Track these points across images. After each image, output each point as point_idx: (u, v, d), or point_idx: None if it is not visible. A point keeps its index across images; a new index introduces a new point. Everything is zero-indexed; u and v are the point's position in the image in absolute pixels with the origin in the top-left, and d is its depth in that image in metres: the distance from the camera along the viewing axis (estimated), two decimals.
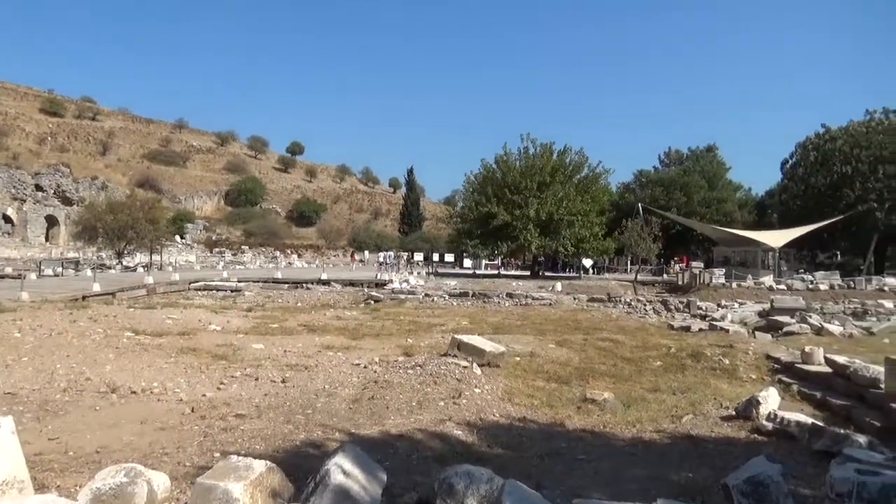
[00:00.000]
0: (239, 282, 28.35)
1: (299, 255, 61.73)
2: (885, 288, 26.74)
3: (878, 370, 8.09)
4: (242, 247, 61.71)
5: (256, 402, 7.62)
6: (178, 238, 57.87)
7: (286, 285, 28.72)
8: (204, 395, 7.88)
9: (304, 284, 28.80)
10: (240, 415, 7.02)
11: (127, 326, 13.29)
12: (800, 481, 4.90)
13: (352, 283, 29.32)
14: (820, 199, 41.04)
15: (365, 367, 9.72)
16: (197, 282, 27.79)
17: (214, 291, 25.83)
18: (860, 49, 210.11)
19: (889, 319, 18.75)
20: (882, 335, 15.15)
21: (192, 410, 7.19)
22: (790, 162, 48.14)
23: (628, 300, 25.16)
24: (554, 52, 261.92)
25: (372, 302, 23.24)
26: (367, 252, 64.31)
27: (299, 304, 22.45)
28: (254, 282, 28.98)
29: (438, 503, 3.83)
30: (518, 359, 11.21)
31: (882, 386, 7.83)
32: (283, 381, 8.64)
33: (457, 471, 3.93)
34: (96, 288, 21.72)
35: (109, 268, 37.14)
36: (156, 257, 41.78)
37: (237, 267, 44.64)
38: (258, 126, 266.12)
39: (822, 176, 41.78)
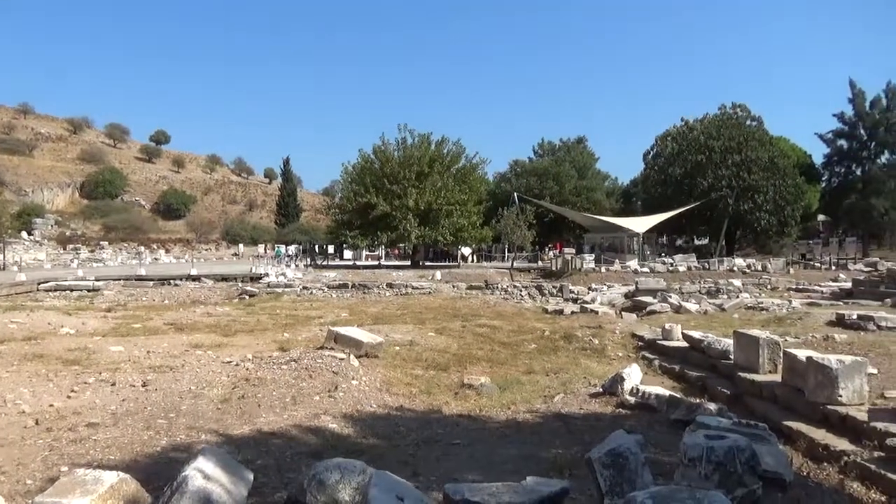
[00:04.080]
0: (97, 280, 26.15)
1: (167, 251, 58.08)
2: (735, 268, 29.39)
3: (728, 343, 8.84)
4: (101, 243, 56.96)
5: (112, 409, 7.02)
6: (24, 235, 52.60)
7: (151, 282, 26.89)
8: (51, 405, 7.15)
9: (171, 281, 27.10)
10: (92, 424, 6.44)
11: None
12: (659, 449, 5.22)
13: (224, 278, 27.97)
14: (677, 187, 44.41)
15: (236, 364, 9.27)
16: (47, 282, 25.31)
17: (68, 292, 23.63)
18: (717, 48, 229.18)
19: (738, 296, 20.56)
20: (732, 311, 16.52)
21: (37, 423, 6.50)
22: (651, 153, 51.70)
23: (505, 286, 25.87)
24: (427, 45, 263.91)
25: (246, 297, 22.34)
26: (241, 245, 61.78)
27: (166, 302, 21.13)
28: (114, 280, 26.83)
29: (308, 499, 3.70)
30: (397, 348, 11.19)
31: (731, 357, 8.56)
32: (144, 385, 8.03)
33: (327, 465, 3.81)
34: None
35: None
36: None
37: (95, 264, 41.18)
38: (117, 113, 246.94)
39: (678, 165, 45.22)
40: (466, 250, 42.10)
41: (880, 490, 4.54)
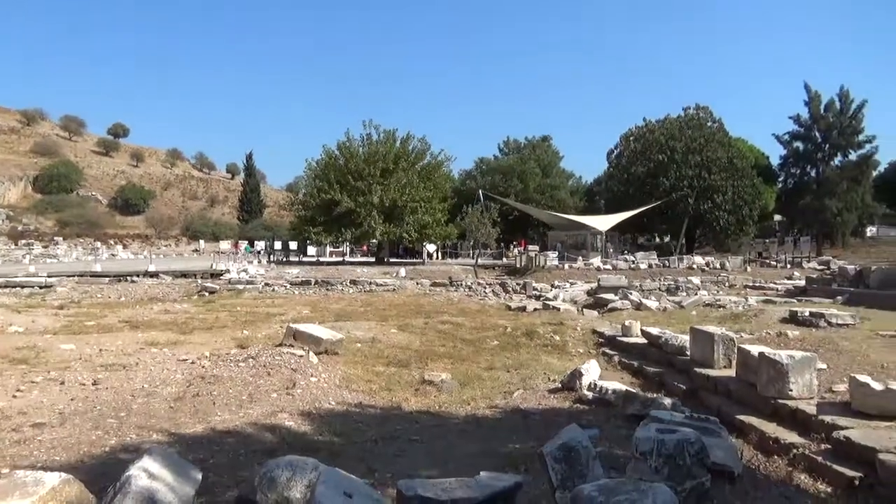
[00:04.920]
0: (49, 277, 25.32)
1: (125, 246, 56.71)
2: (694, 266, 29.97)
3: (685, 339, 8.98)
4: (55, 238, 55.33)
5: (60, 409, 6.79)
6: None
7: (107, 279, 26.15)
8: None
9: (128, 277, 26.41)
10: (38, 424, 6.22)
11: None
12: (613, 443, 5.26)
13: (184, 275, 27.36)
14: (640, 187, 45.15)
15: (192, 362, 9.06)
16: None
17: (18, 289, 22.81)
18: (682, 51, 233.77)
19: (697, 294, 20.95)
20: (690, 308, 16.82)
21: None
22: (615, 152, 52.43)
23: (469, 283, 25.87)
24: (390, 35, 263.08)
25: (206, 294, 21.90)
26: (202, 241, 60.67)
27: (122, 299, 20.59)
28: (68, 276, 26.03)
29: (259, 497, 3.63)
30: (359, 345, 11.10)
31: (688, 353, 8.70)
32: (95, 384, 7.79)
33: (279, 462, 3.75)
34: None
35: None
36: None
37: (48, 260, 39.91)
38: (72, 104, 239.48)
39: (641, 165, 45.97)
40: (431, 247, 42.04)
41: (826, 481, 4.65)
